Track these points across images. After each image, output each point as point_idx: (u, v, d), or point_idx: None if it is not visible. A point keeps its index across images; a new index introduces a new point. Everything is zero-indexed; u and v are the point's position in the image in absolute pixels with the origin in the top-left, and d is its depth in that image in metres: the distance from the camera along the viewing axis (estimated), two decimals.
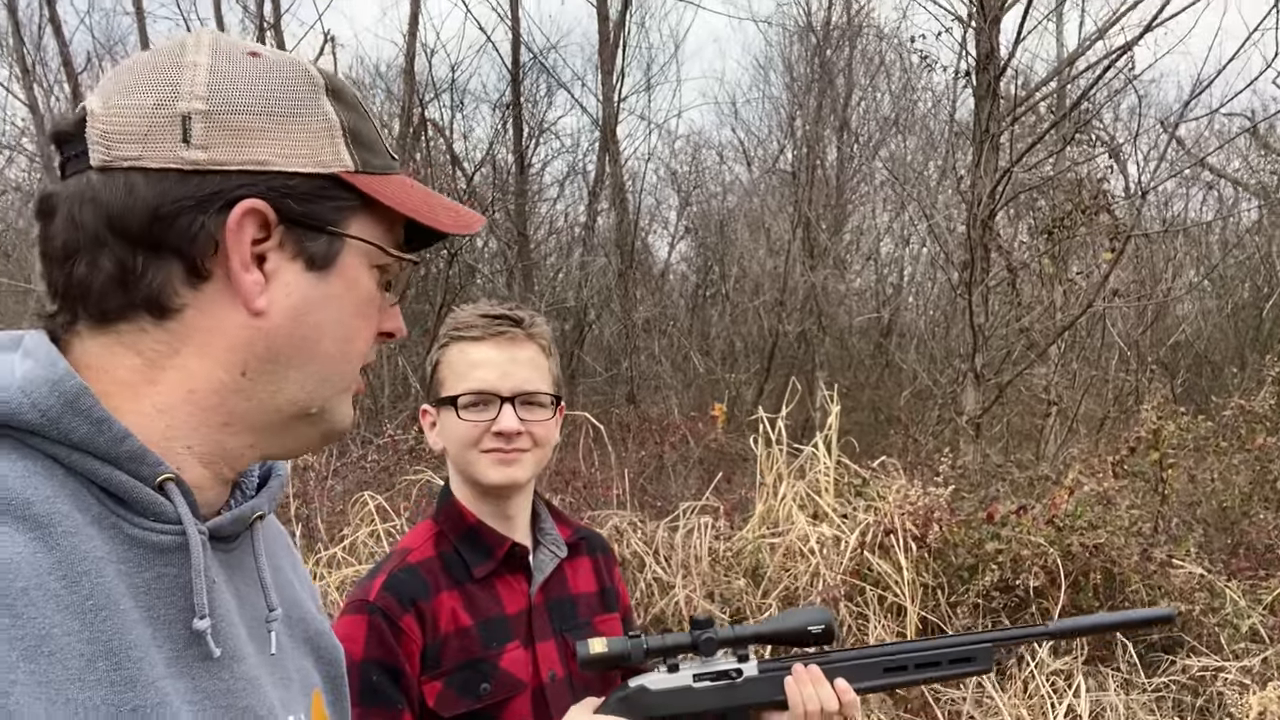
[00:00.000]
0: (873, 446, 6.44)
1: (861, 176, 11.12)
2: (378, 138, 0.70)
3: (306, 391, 0.68)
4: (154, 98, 0.62)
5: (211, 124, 0.62)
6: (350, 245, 0.67)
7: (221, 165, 0.62)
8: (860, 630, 3.62)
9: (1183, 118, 7.01)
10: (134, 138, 0.62)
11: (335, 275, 0.67)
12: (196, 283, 0.63)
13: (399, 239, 0.71)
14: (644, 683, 1.36)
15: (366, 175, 0.68)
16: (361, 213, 0.68)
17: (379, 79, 11.07)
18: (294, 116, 0.65)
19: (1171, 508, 4.82)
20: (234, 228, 0.62)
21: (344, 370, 0.70)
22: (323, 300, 0.67)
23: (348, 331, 0.69)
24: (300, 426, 0.69)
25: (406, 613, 1.28)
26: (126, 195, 0.61)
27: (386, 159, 0.70)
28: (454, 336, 1.37)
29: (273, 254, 0.65)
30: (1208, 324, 9.52)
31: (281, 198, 0.64)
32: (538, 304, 8.85)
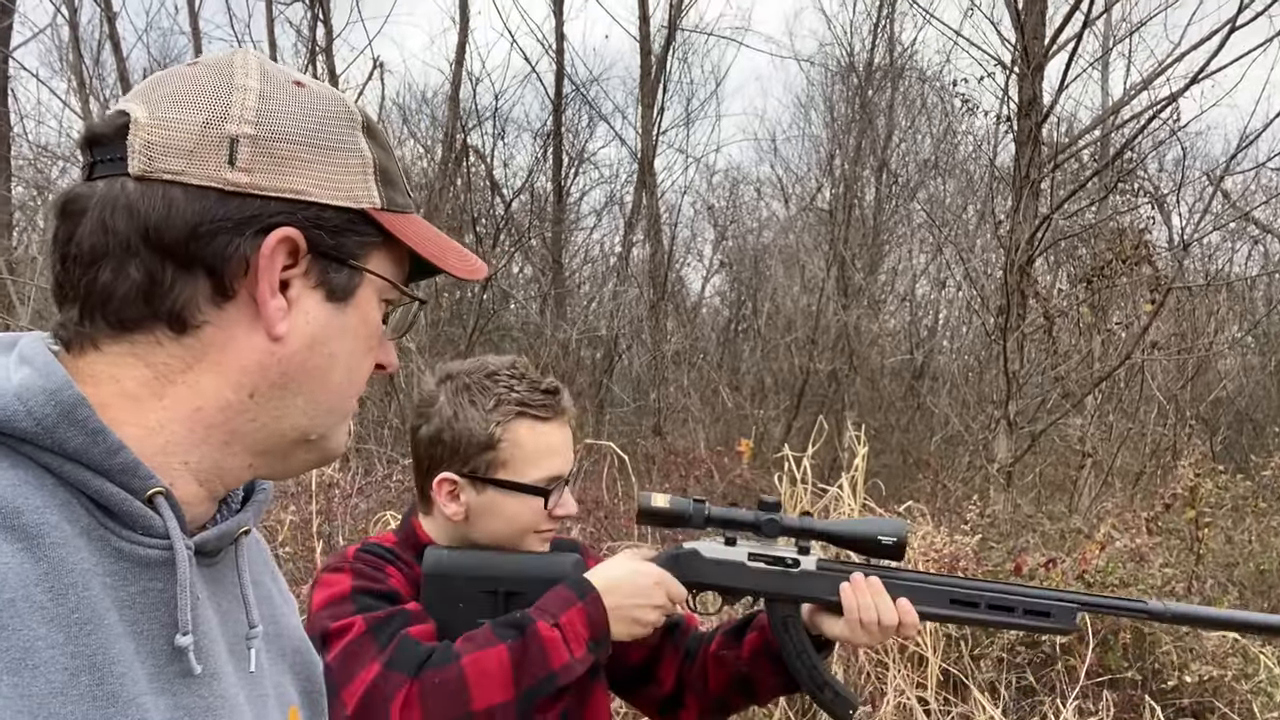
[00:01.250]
0: (900, 490, 6.35)
1: (899, 218, 11.08)
2: (400, 177, 0.72)
3: (309, 418, 0.69)
4: (204, 115, 0.63)
5: (257, 149, 0.63)
6: (367, 280, 0.69)
7: (262, 190, 0.63)
8: (879, 679, 3.54)
9: (1228, 170, 6.92)
10: (180, 152, 0.62)
11: (352, 308, 0.69)
12: (221, 302, 0.63)
13: (405, 275, 0.73)
14: (698, 548, 1.33)
15: (390, 213, 0.69)
16: (381, 249, 0.70)
17: (425, 105, 11.26)
18: (334, 150, 0.66)
19: (1207, 568, 4.70)
20: (268, 253, 0.63)
21: (347, 400, 0.71)
22: (339, 331, 0.68)
23: (354, 362, 0.70)
24: (298, 451, 0.70)
25: (388, 564, 1.29)
26: (165, 207, 0.62)
27: (405, 198, 0.72)
28: (521, 412, 1.29)
29: (297, 282, 0.66)
30: (1250, 381, 9.32)
31: (314, 228, 0.65)
32: (569, 331, 8.88)
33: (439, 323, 8.76)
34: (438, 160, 10.19)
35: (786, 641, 1.33)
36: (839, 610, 1.31)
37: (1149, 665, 3.70)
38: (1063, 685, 3.55)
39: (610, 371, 9.55)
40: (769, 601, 1.34)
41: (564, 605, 1.24)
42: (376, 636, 1.18)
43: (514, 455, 1.28)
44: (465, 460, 1.29)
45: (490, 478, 1.29)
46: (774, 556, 1.33)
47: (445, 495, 1.31)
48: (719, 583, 1.32)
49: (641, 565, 1.31)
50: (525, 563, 1.30)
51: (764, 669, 1.37)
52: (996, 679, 3.61)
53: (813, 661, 1.33)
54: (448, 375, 1.33)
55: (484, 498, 1.30)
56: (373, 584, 1.25)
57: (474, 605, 1.26)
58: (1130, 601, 1.36)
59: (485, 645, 1.20)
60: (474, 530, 1.32)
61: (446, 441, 1.29)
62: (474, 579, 1.27)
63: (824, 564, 1.33)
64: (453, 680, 1.17)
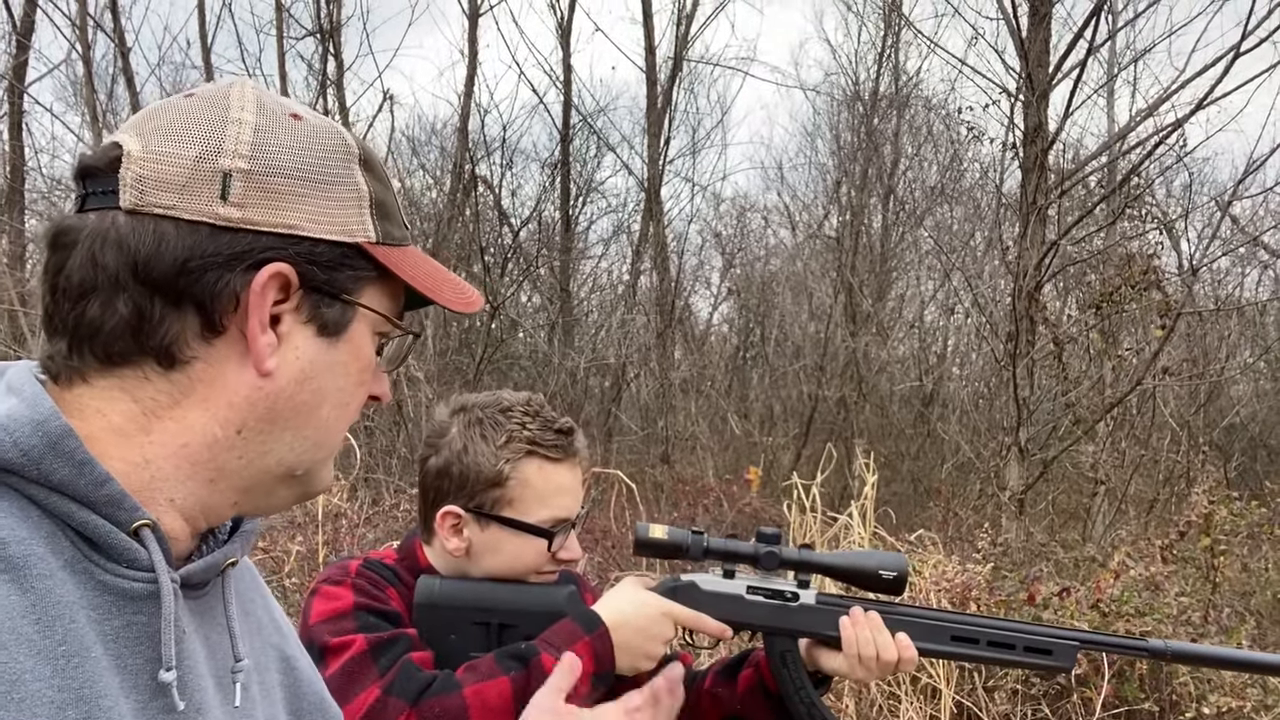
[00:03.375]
0: (911, 518, 6.30)
1: (906, 245, 11.10)
2: (397, 209, 0.71)
3: (296, 454, 0.68)
4: (197, 150, 0.62)
5: (250, 184, 0.63)
6: (360, 314, 0.68)
7: (254, 225, 0.63)
8: (891, 711, 3.49)
9: (1236, 195, 6.91)
10: (172, 187, 0.62)
11: (344, 343, 0.68)
12: (210, 337, 0.63)
13: (400, 308, 0.72)
14: (696, 580, 1.30)
15: (385, 247, 0.68)
16: (375, 283, 0.69)
17: (434, 136, 11.37)
18: (328, 184, 0.66)
19: (1223, 597, 4.62)
20: (258, 289, 0.63)
21: (335, 435, 0.70)
22: (329, 366, 0.67)
23: (345, 397, 0.69)
24: (282, 488, 0.69)
25: (390, 585, 1.27)
26: (156, 243, 0.61)
27: (403, 230, 0.71)
28: (531, 451, 1.27)
29: (288, 317, 0.65)
30: (1263, 406, 9.25)
31: (307, 263, 0.64)
32: (577, 360, 8.88)
33: (447, 352, 8.78)
34: (446, 190, 10.28)
35: (784, 676, 1.31)
36: (838, 645, 1.29)
37: (1166, 696, 3.63)
38: (1078, 718, 3.49)
39: (618, 400, 9.54)
40: (767, 635, 1.32)
41: (570, 639, 1.22)
42: (377, 659, 1.17)
43: (521, 494, 1.26)
44: (472, 495, 1.27)
45: (495, 515, 1.27)
46: (773, 590, 1.31)
47: (448, 529, 1.29)
48: (718, 616, 1.30)
49: (647, 596, 1.29)
50: (519, 594, 1.28)
51: (758, 706, 1.35)
52: (1011, 711, 3.55)
53: (811, 698, 1.31)
54: (462, 407, 1.31)
55: (487, 534, 1.28)
56: (375, 603, 1.23)
57: (466, 636, 1.25)
58: (1131, 640, 1.35)
59: (488, 676, 1.18)
60: (474, 567, 1.30)
61: (454, 474, 1.27)
62: (467, 609, 1.25)
63: (823, 598, 1.32)
64: (453, 710, 1.15)
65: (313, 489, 0.71)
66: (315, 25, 9.30)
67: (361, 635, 1.18)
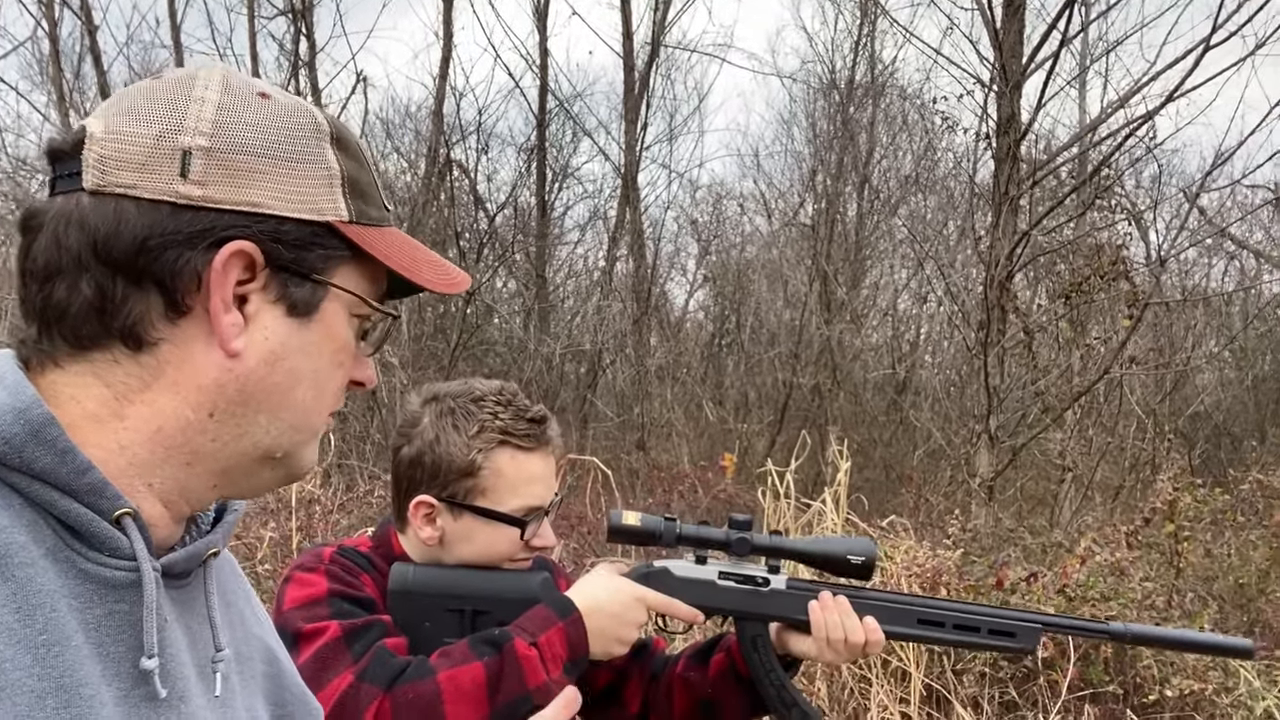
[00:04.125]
0: (883, 505, 6.37)
1: (881, 233, 11.16)
2: (375, 189, 0.70)
3: (272, 437, 0.67)
4: (157, 128, 0.62)
5: (211, 161, 0.62)
6: (333, 294, 0.67)
7: (216, 203, 0.62)
8: (862, 694, 3.54)
9: (1204, 187, 7.01)
10: (131, 166, 0.61)
11: (316, 323, 0.67)
12: (175, 318, 0.62)
13: (381, 291, 0.71)
14: (669, 566, 1.32)
15: (359, 226, 0.67)
16: (349, 263, 0.68)
17: (408, 119, 11.26)
18: (295, 162, 0.65)
19: (1186, 582, 4.72)
20: (219, 267, 0.62)
21: (314, 418, 0.69)
22: (300, 347, 0.66)
23: (321, 379, 0.68)
24: (263, 470, 0.68)
25: (364, 572, 1.28)
26: (116, 222, 0.60)
27: (381, 210, 0.70)
28: (504, 440, 1.27)
29: (255, 296, 0.64)
30: (1227, 395, 9.42)
31: (272, 242, 0.63)
32: (553, 346, 8.87)
33: (422, 337, 8.73)
34: (421, 175, 10.19)
35: (755, 660, 1.33)
36: (808, 629, 1.31)
37: (1130, 679, 3.71)
38: (1045, 700, 3.56)
39: (594, 386, 9.54)
40: (738, 620, 1.34)
41: (544, 625, 1.23)
42: (351, 645, 1.17)
43: (494, 483, 1.26)
44: (444, 485, 1.27)
45: (468, 504, 1.27)
46: (744, 575, 1.33)
47: (421, 518, 1.29)
48: (690, 602, 1.32)
49: (621, 583, 1.30)
50: (493, 581, 1.29)
51: (729, 691, 1.37)
52: (979, 694, 3.62)
53: (781, 680, 1.33)
54: (433, 397, 1.31)
55: (460, 524, 1.28)
56: (349, 589, 1.23)
57: (440, 623, 1.25)
58: (1093, 623, 1.39)
59: (462, 662, 1.18)
60: (448, 555, 1.30)
61: (427, 464, 1.27)
62: (441, 596, 1.26)
63: (793, 583, 1.34)
64: (427, 696, 1.15)
65: (295, 471, 0.70)
66: (287, 4, 9.17)
67: (335, 622, 1.18)
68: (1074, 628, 1.46)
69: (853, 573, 1.32)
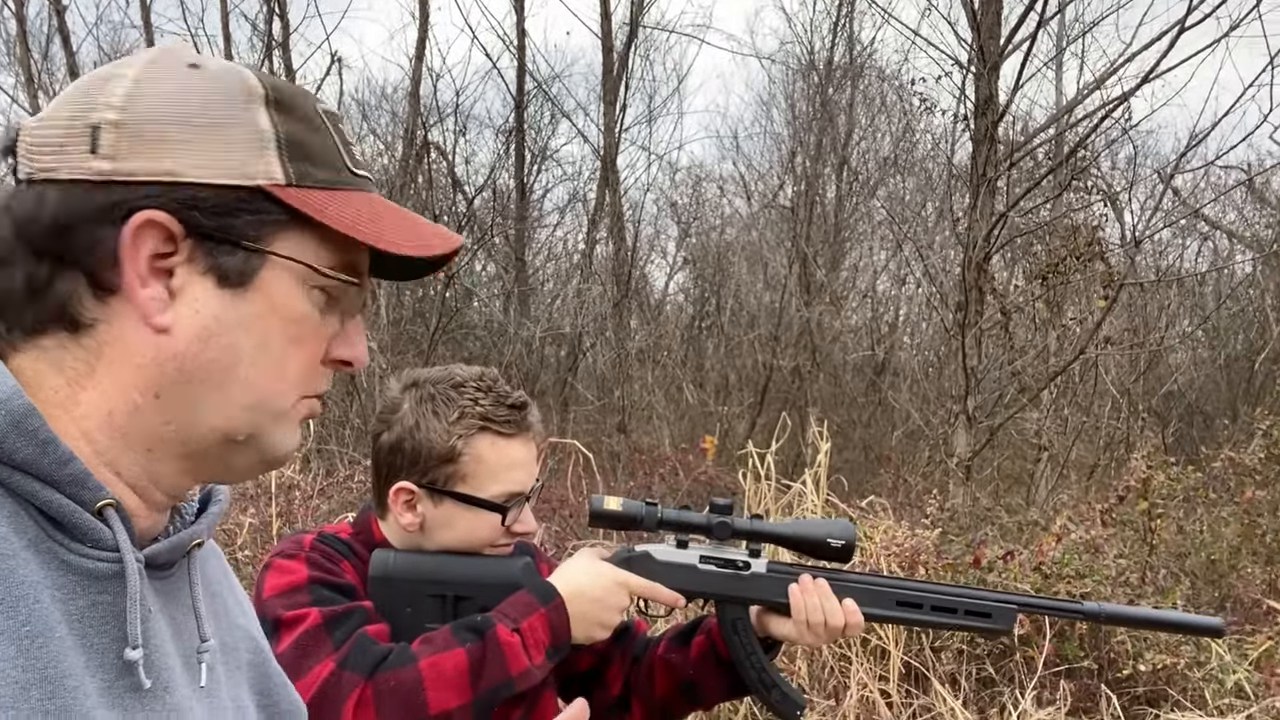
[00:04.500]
0: (862, 485, 6.42)
1: (860, 215, 11.19)
2: (334, 150, 0.66)
3: (226, 417, 0.64)
4: (72, 110, 0.62)
5: (121, 134, 0.60)
6: (273, 263, 0.63)
7: (128, 176, 0.60)
8: (842, 673, 3.58)
9: (1179, 168, 7.07)
10: (50, 149, 0.61)
11: (254, 294, 0.63)
12: (104, 296, 0.61)
13: (353, 261, 0.67)
14: (651, 551, 1.34)
15: (301, 189, 0.63)
16: (292, 229, 0.64)
17: (385, 101, 11.15)
18: (215, 127, 0.62)
19: (1159, 558, 4.80)
20: (129, 239, 0.60)
21: (274, 397, 0.65)
22: (239, 321, 0.63)
23: (273, 356, 0.64)
24: (230, 454, 0.65)
25: (344, 559, 1.27)
26: (36, 206, 0.60)
27: (339, 173, 0.66)
28: (484, 426, 1.26)
29: (181, 269, 0.62)
30: (1200, 374, 9.54)
31: (188, 210, 0.61)
32: (533, 329, 8.84)
33: (401, 322, 8.68)
34: (398, 157, 10.10)
35: (735, 643, 1.34)
36: (788, 612, 1.33)
37: (1105, 655, 3.78)
38: (1021, 676, 3.61)
39: (574, 369, 9.53)
40: (719, 603, 1.35)
41: (526, 610, 1.23)
42: (332, 632, 1.16)
43: (474, 470, 1.26)
44: (424, 471, 1.27)
45: (449, 490, 1.27)
46: (725, 559, 1.34)
47: (401, 505, 1.29)
48: (671, 586, 1.33)
49: (603, 567, 1.31)
50: (475, 566, 1.29)
51: (710, 673, 1.38)
52: (957, 671, 3.67)
53: (761, 662, 1.35)
54: (413, 383, 1.30)
55: (441, 510, 1.28)
56: (329, 576, 1.23)
57: (422, 609, 1.25)
58: (1067, 602, 1.41)
59: (444, 648, 1.18)
60: (428, 541, 1.30)
61: (406, 451, 1.27)
62: (422, 582, 1.26)
63: (774, 566, 1.35)
64: (409, 683, 1.15)
65: (269, 455, 0.66)
66: None
67: (316, 609, 1.18)
68: (1049, 608, 1.49)
69: (833, 555, 1.33)
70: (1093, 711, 3.63)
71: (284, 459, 0.68)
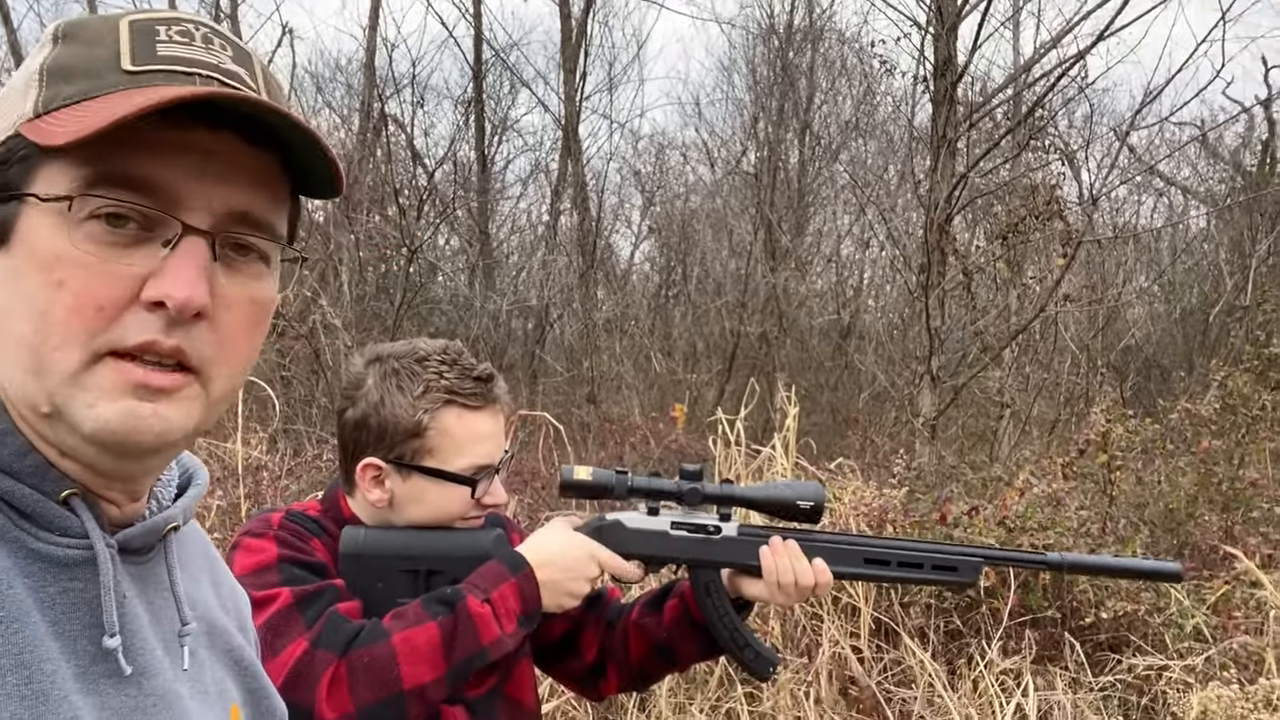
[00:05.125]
0: (831, 447, 6.49)
1: (823, 180, 11.22)
2: (107, 59, 0.59)
3: (16, 384, 0.58)
4: None
5: None
6: (30, 205, 0.57)
7: None
8: (814, 631, 3.64)
9: (1134, 126, 7.17)
10: None
11: (16, 245, 0.57)
12: None
13: (140, 176, 0.57)
14: (621, 519, 1.35)
15: (47, 114, 0.57)
16: (45, 163, 0.57)
17: (339, 73, 10.95)
18: (10, 90, 0.60)
19: (1119, 509, 4.92)
20: None
21: (46, 355, 0.57)
22: (7, 275, 0.57)
23: (35, 306, 0.56)
24: (57, 432, 0.59)
25: (314, 536, 1.27)
26: None
27: (103, 79, 0.58)
28: (450, 399, 1.25)
29: None
30: (1157, 328, 9.73)
31: None
32: (499, 302, 8.79)
33: (364, 298, 8.58)
34: (355, 130, 9.94)
35: (708, 605, 1.36)
36: (759, 573, 1.35)
37: (1067, 604, 3.88)
38: (987, 627, 3.70)
39: (542, 342, 9.51)
40: (691, 568, 1.37)
41: (496, 580, 1.24)
42: (304, 611, 1.16)
43: (441, 443, 1.25)
44: (391, 447, 1.26)
45: (416, 465, 1.26)
46: (696, 524, 1.36)
47: (369, 481, 1.29)
48: (643, 552, 1.35)
49: (574, 537, 1.31)
50: (445, 540, 1.29)
51: (684, 635, 1.40)
52: (925, 624, 3.75)
53: (734, 623, 1.37)
54: (377, 358, 1.29)
55: (409, 485, 1.27)
56: (299, 554, 1.23)
57: (394, 584, 1.25)
58: (1030, 554, 1.45)
59: (415, 623, 1.19)
60: (398, 516, 1.30)
61: (372, 427, 1.26)
62: (393, 558, 1.26)
63: (745, 529, 1.37)
64: (382, 658, 1.16)
65: (85, 430, 0.57)
66: None
67: (286, 588, 1.17)
68: (1013, 559, 1.54)
69: (802, 517, 1.35)
70: (1057, 659, 3.74)
71: (106, 436, 0.58)
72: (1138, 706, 3.56)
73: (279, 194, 0.63)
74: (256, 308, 0.63)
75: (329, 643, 1.15)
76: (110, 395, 0.57)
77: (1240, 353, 6.80)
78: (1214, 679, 3.38)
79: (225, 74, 0.60)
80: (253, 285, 0.62)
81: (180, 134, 0.58)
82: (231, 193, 0.60)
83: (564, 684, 1.53)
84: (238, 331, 0.61)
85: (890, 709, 3.43)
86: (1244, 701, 2.90)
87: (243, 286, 0.61)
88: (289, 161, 0.63)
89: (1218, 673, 3.50)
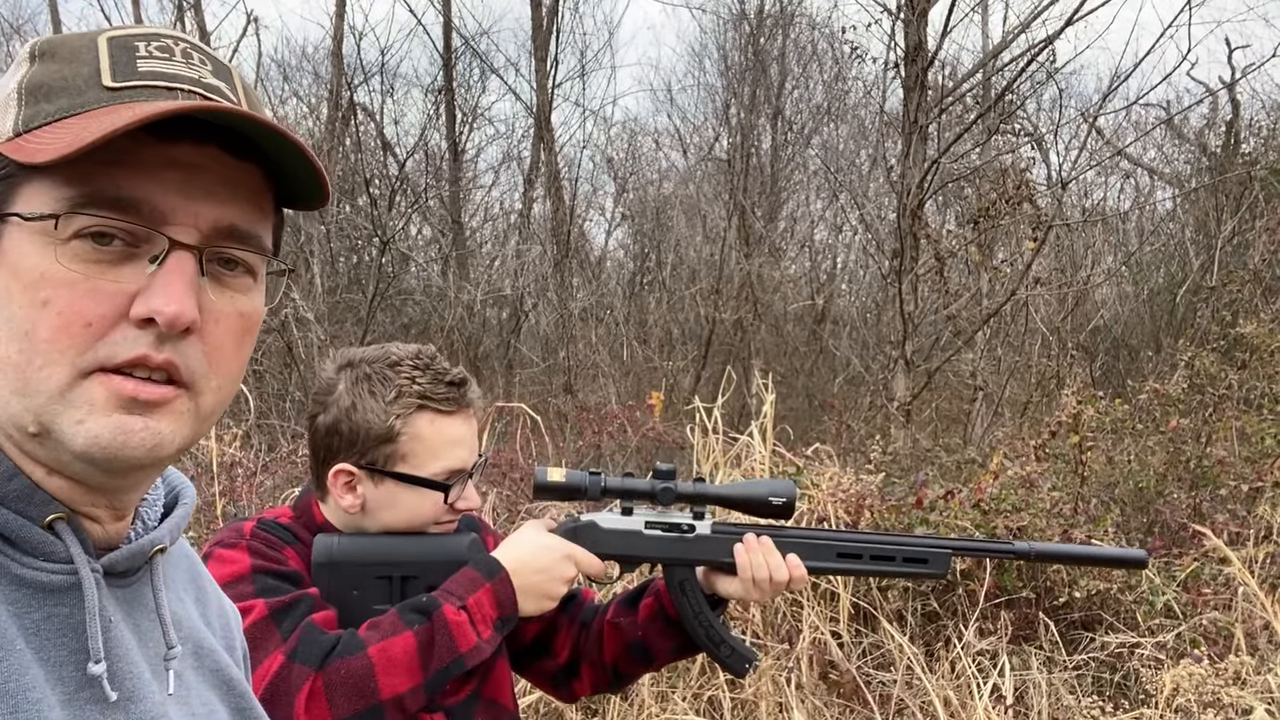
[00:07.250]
0: (807, 433, 6.53)
1: (796, 165, 11.24)
2: (87, 76, 0.58)
3: (1, 405, 0.58)
4: None
5: None
6: (12, 225, 0.57)
7: None
8: (794, 617, 3.68)
9: (1102, 109, 7.24)
10: None
11: (1, 267, 0.57)
12: None
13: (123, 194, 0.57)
14: (595, 519, 1.36)
15: (28, 133, 0.57)
16: (27, 181, 0.57)
17: (306, 61, 10.80)
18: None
19: (1090, 489, 4.99)
20: None
21: (36, 373, 0.56)
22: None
23: (19, 326, 0.56)
24: (46, 450, 0.58)
25: (286, 545, 1.26)
26: None
27: (84, 96, 0.58)
28: (422, 405, 1.24)
29: None
30: (1125, 309, 9.86)
31: None
32: (473, 292, 8.74)
33: (337, 290, 8.50)
34: (324, 120, 9.81)
35: (684, 603, 1.37)
36: (733, 570, 1.35)
37: (1041, 584, 3.94)
38: (964, 609, 3.75)
39: (517, 331, 9.47)
40: (666, 566, 1.37)
41: (471, 587, 1.23)
42: (279, 624, 1.15)
43: (414, 449, 1.25)
44: (363, 452, 1.25)
45: (389, 470, 1.25)
46: (670, 523, 1.36)
47: (341, 486, 1.27)
48: (618, 552, 1.35)
49: (548, 539, 1.31)
50: (421, 545, 1.28)
51: (660, 633, 1.40)
52: (903, 608, 3.80)
53: (709, 620, 1.38)
54: (349, 363, 1.28)
55: (382, 490, 1.26)
56: (273, 564, 1.21)
57: (369, 591, 1.25)
58: (998, 543, 1.47)
59: (391, 633, 1.18)
60: (371, 522, 1.29)
61: (344, 433, 1.25)
62: (368, 565, 1.25)
63: (719, 527, 1.38)
64: (359, 671, 1.15)
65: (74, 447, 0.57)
66: None
67: (261, 600, 1.16)
68: (982, 549, 1.57)
69: (774, 513, 1.36)
70: (1032, 639, 3.80)
71: (96, 452, 0.57)
72: (1111, 684, 3.63)
73: (264, 207, 0.63)
74: (244, 321, 0.63)
75: (306, 656, 1.14)
76: (100, 410, 0.57)
77: (1207, 332, 6.92)
78: (1185, 655, 3.45)
79: (207, 88, 0.61)
80: (240, 299, 0.62)
81: (165, 149, 0.57)
82: (217, 207, 0.60)
83: (537, 685, 1.53)
84: (227, 345, 0.61)
85: (870, 692, 3.47)
86: (1214, 679, 2.96)
87: (230, 301, 0.62)
88: (272, 174, 0.62)
89: (1188, 649, 3.57)
